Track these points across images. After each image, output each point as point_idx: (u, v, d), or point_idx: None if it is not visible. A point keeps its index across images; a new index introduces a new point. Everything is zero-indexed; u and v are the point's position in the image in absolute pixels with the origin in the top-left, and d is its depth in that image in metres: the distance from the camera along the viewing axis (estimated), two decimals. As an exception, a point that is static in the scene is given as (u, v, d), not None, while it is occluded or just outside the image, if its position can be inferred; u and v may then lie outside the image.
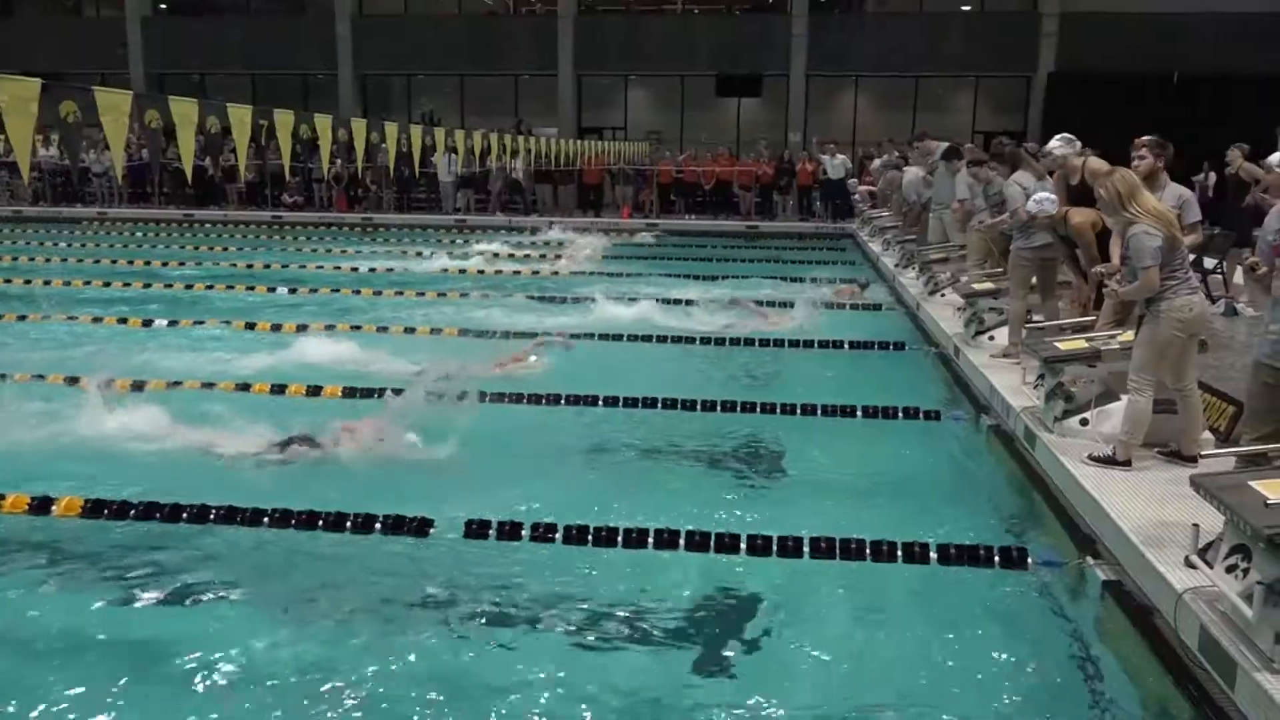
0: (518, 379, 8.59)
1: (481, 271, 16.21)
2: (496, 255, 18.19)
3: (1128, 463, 5.62)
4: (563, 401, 7.96)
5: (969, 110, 29.19)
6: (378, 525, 5.42)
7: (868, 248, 18.43)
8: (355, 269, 16.45)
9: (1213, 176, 14.19)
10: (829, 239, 21.60)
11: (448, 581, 4.98)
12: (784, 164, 24.90)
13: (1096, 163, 7.99)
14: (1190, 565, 4.13)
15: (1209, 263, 11.85)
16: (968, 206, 11.05)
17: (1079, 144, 8.34)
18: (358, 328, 10.88)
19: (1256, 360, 4.49)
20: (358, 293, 13.79)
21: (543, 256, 17.98)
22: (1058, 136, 8.39)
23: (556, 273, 16.14)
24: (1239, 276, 11.37)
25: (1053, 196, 7.65)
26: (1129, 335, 6.14)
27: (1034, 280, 8.55)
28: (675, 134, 30.11)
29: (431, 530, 5.40)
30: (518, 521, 5.47)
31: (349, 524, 5.43)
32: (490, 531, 5.43)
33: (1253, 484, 3.79)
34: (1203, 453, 5.21)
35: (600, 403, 7.95)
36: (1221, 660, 3.68)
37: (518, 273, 16.06)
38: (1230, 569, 3.83)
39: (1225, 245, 11.75)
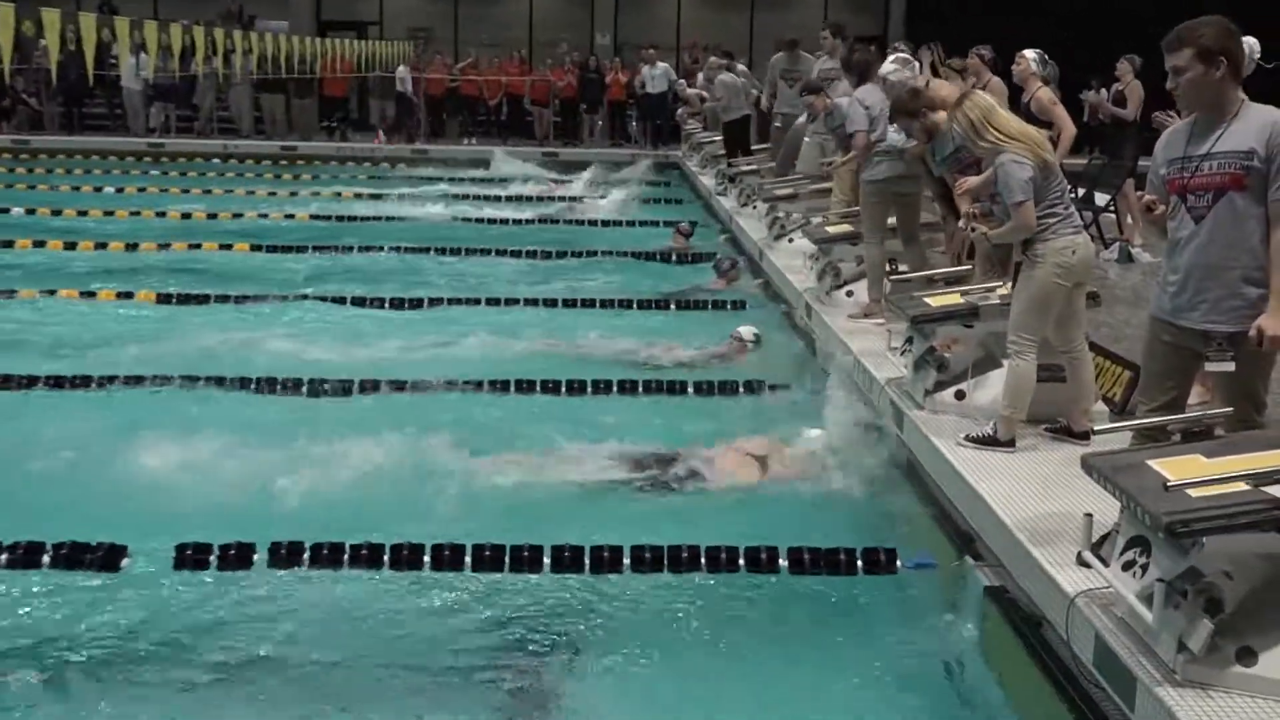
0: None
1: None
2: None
3: (1011, 442, 5.97)
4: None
5: (818, 6, 30.08)
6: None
7: (698, 181, 18.78)
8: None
9: (1103, 93, 15.14)
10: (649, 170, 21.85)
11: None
12: (590, 73, 25.00)
13: (945, 89, 8.39)
14: (1083, 563, 4.42)
15: (1100, 199, 12.69)
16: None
17: (918, 64, 8.74)
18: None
19: (1152, 315, 4.81)
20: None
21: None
22: (892, 56, 8.75)
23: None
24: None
25: None
26: (1009, 289, 6.50)
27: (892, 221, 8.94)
28: (448, 33, 29.69)
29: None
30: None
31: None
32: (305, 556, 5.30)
33: (1151, 463, 4.08)
34: (1096, 428, 5.58)
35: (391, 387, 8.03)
36: (1119, 675, 3.96)
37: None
38: (1127, 566, 4.12)
39: (1117, 178, 12.58)
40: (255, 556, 5.30)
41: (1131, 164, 12.39)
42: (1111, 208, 12.69)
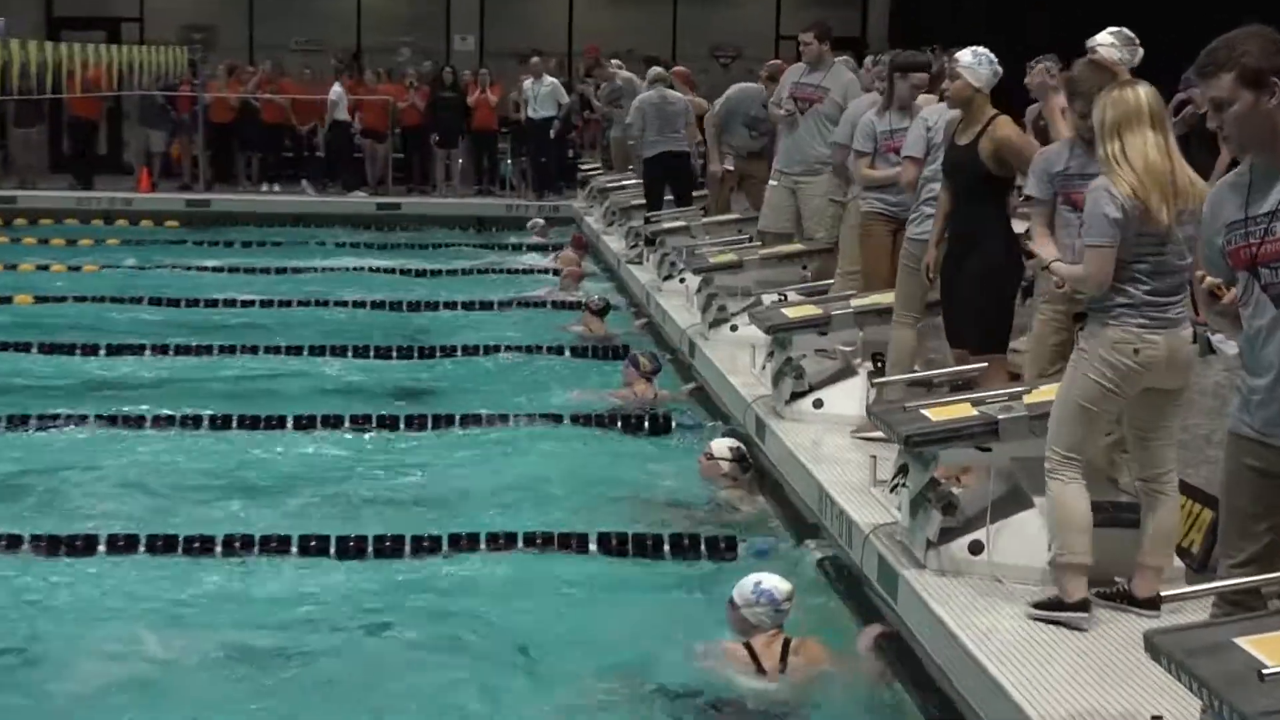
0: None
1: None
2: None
3: (1082, 605, 5.97)
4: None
5: (769, 3, 30.67)
6: None
7: (602, 246, 18.94)
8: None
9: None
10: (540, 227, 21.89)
11: None
12: (445, 91, 25.09)
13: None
14: (1153, 787, 4.47)
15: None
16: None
17: (1140, 50, 8.66)
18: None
19: (1232, 432, 4.88)
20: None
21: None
22: (1111, 30, 8.53)
23: None
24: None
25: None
26: (1048, 392, 6.57)
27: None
28: (240, 36, 29.77)
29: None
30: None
31: None
32: None
33: (1241, 643, 4.10)
34: (1165, 593, 5.66)
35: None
36: None
37: None
38: (1215, 790, 4.16)
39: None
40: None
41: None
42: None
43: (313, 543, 8.16)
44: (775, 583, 6.55)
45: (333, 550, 8.12)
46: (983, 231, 8.04)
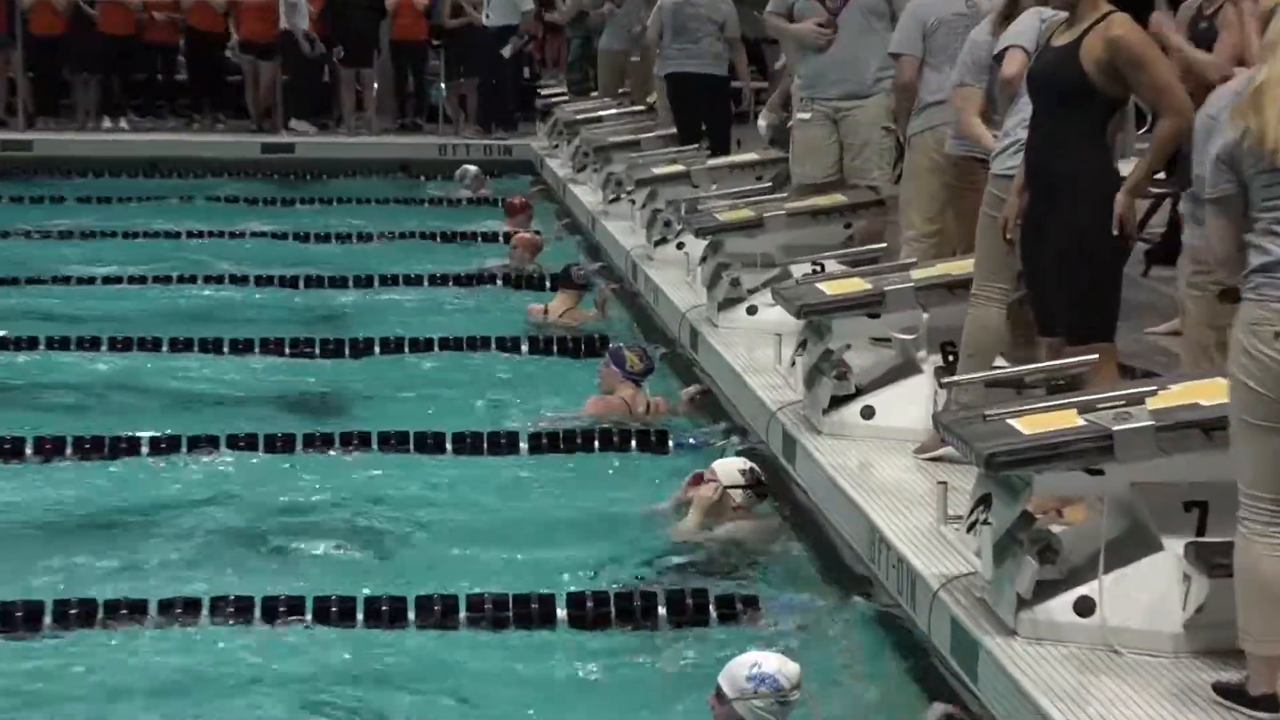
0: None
1: None
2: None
3: (1271, 703, 5.87)
4: None
5: None
6: None
7: (572, 197, 18.97)
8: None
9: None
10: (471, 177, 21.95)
11: None
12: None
13: None
14: None
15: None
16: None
17: None
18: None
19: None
20: None
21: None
22: None
23: None
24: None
25: None
26: (1182, 393, 6.64)
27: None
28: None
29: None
30: None
31: None
32: None
33: None
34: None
35: None
36: None
37: None
38: None
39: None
40: None
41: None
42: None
43: (178, 609, 8.16)
44: (778, 665, 6.40)
45: (204, 612, 8.14)
46: (1072, 171, 7.86)
